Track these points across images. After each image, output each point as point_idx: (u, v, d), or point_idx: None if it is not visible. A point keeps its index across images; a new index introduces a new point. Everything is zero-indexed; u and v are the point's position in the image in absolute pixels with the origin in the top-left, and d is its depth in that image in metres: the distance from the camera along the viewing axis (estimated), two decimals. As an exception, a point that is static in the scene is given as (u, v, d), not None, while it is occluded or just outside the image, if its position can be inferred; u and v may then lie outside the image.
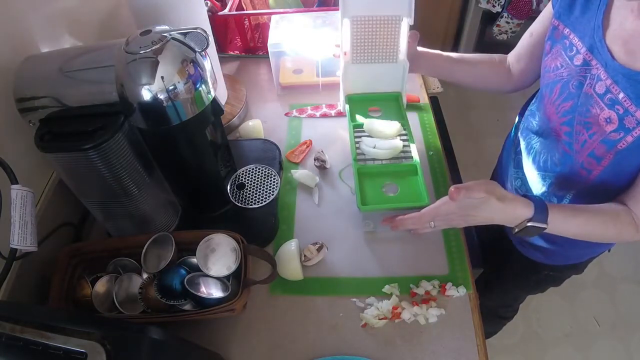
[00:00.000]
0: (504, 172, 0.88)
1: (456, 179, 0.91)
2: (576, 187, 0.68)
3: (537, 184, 0.74)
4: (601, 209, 0.61)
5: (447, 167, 0.84)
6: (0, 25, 0.58)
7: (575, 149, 0.63)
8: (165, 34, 0.52)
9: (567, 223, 0.60)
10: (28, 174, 0.62)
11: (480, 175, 1.05)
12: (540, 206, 0.58)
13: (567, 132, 0.64)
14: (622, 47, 0.55)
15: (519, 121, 0.83)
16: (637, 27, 0.53)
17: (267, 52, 0.93)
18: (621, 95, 0.54)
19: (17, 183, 0.50)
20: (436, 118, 0.93)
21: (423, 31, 0.78)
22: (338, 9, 0.73)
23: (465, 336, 0.62)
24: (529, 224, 0.57)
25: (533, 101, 0.78)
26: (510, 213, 0.58)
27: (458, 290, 0.65)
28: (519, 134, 0.80)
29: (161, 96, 0.51)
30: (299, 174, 0.80)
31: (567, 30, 0.62)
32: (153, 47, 0.50)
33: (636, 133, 0.54)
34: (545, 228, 0.58)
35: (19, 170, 0.51)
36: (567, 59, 0.62)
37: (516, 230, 0.59)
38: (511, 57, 0.81)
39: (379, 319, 0.62)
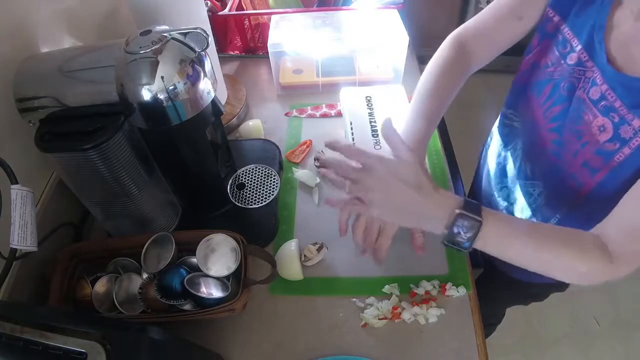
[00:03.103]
0: (487, 182, 0.84)
1: (456, 179, 0.90)
2: (566, 204, 0.62)
3: (525, 195, 0.70)
4: (560, 227, 0.52)
5: (447, 167, 0.84)
6: (0, 25, 0.58)
7: (566, 159, 0.59)
8: (165, 34, 0.52)
9: (510, 227, 0.49)
10: (28, 174, 0.61)
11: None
12: (471, 202, 0.49)
13: (556, 140, 0.60)
14: (619, 50, 0.51)
15: (501, 124, 0.76)
16: (635, 30, 0.49)
17: (267, 52, 0.93)
18: (617, 103, 0.49)
19: (17, 183, 0.50)
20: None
21: (423, 31, 0.78)
22: (338, 9, 0.73)
23: (465, 336, 0.62)
24: (458, 211, 0.47)
25: (510, 101, 0.72)
26: (436, 198, 0.49)
27: (458, 290, 0.65)
28: (502, 139, 0.76)
29: (161, 96, 0.51)
30: (299, 173, 0.80)
31: (563, 24, 0.57)
32: (153, 47, 0.50)
33: (634, 144, 0.48)
34: (479, 222, 0.47)
35: (19, 170, 0.51)
36: (560, 56, 0.57)
37: (446, 230, 0.48)
38: (469, 36, 0.68)
39: (379, 319, 0.62)
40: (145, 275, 0.61)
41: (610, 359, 1.51)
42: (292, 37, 0.93)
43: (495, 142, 0.80)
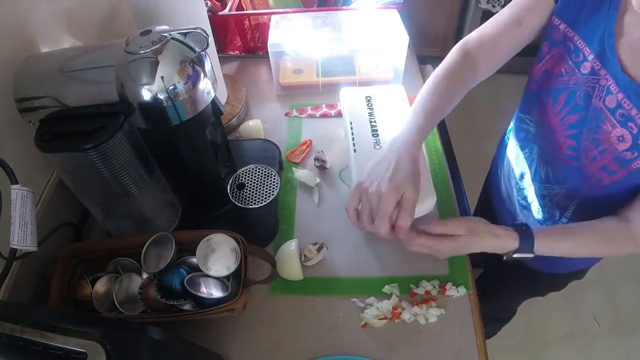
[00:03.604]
0: (505, 181, 0.85)
1: (456, 179, 0.90)
2: (581, 195, 0.64)
3: (539, 198, 0.72)
4: (594, 227, 0.59)
5: (447, 168, 0.84)
6: (0, 25, 0.58)
7: (584, 162, 0.60)
8: (165, 34, 0.52)
9: (556, 247, 0.59)
10: (28, 174, 0.62)
11: (479, 176, 1.05)
12: (526, 236, 0.57)
13: (573, 146, 0.60)
14: (631, 56, 0.50)
15: (517, 127, 0.77)
16: None
17: (267, 52, 0.93)
18: (634, 111, 0.50)
19: (17, 183, 0.50)
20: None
21: (423, 31, 0.78)
22: (338, 9, 0.73)
23: (465, 336, 0.62)
24: (514, 256, 0.57)
25: (525, 106, 0.73)
26: (500, 246, 0.58)
27: (458, 290, 0.65)
28: (518, 142, 0.76)
29: (161, 96, 0.51)
30: (299, 173, 0.80)
31: (572, 32, 0.57)
32: (153, 47, 0.50)
33: None
34: (532, 257, 0.57)
35: (19, 170, 0.51)
36: (573, 65, 0.57)
37: (505, 258, 0.59)
38: (473, 44, 0.69)
39: (379, 319, 0.62)
40: (145, 275, 0.61)
41: (610, 359, 1.51)
42: (292, 37, 0.93)
43: (512, 143, 0.81)
